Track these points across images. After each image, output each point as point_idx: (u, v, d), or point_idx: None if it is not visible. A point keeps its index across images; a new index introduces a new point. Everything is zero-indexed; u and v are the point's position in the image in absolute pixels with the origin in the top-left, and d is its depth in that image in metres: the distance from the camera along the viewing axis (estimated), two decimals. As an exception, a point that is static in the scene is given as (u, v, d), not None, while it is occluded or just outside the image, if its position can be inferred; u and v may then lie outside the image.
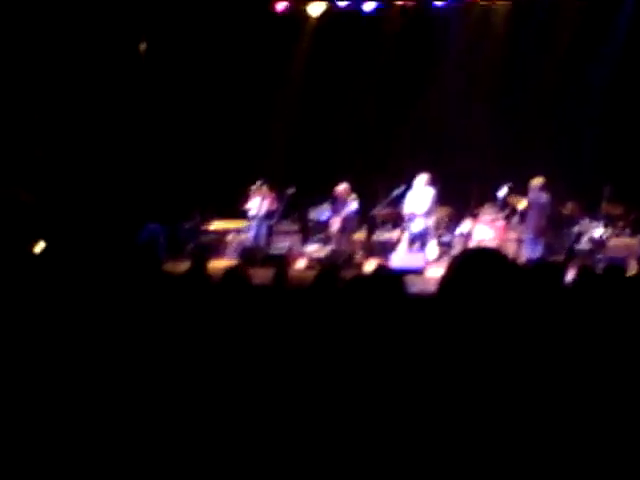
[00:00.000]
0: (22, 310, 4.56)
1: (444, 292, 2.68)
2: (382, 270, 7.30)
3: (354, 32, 18.27)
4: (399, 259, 14.81)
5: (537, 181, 15.21)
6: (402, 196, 15.84)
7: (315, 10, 18.58)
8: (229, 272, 5.92)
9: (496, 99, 17.46)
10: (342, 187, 16.19)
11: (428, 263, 15.03)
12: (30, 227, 12.73)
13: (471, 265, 2.59)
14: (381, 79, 18.37)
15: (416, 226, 15.51)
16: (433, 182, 15.65)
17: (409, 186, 15.70)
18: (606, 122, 16.47)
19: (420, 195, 15.54)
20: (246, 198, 16.66)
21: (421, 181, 15.55)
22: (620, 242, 15.61)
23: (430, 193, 15.56)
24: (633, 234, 15.58)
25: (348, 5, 18.41)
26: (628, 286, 5.96)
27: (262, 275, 9.94)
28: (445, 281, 2.68)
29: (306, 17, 18.80)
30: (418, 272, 14.00)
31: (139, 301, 4.83)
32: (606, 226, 15.60)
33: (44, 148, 15.90)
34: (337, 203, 16.35)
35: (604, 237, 15.51)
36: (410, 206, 15.56)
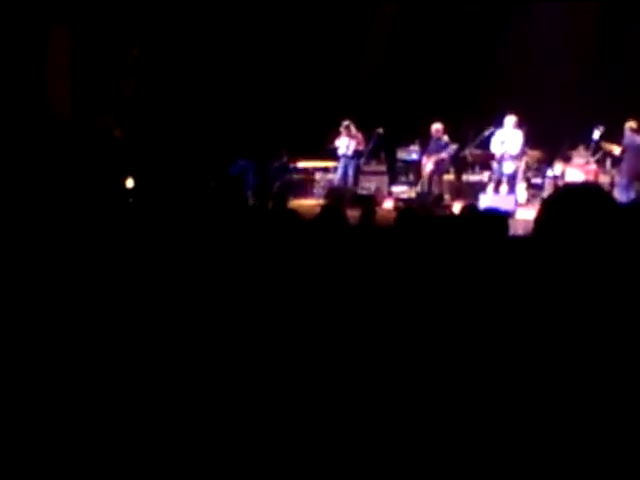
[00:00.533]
0: (114, 240, 4.62)
1: (541, 230, 2.58)
2: (471, 210, 7.23)
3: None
4: (489, 201, 14.64)
5: (631, 124, 14.81)
6: (490, 137, 15.62)
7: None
8: (325, 210, 5.92)
9: (591, 37, 16.98)
10: (436, 126, 16.01)
11: (518, 205, 14.85)
12: (121, 162, 12.90)
13: (571, 201, 2.49)
14: (472, 16, 18.01)
15: (507, 168, 15.33)
16: (522, 124, 15.41)
17: (497, 127, 15.48)
18: None
19: (509, 137, 15.33)
20: (334, 138, 16.60)
21: (509, 123, 15.33)
22: None
23: (519, 135, 15.34)
24: None
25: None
26: None
27: (350, 215, 9.90)
28: (543, 217, 2.57)
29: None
30: (508, 215, 13.77)
31: (223, 232, 4.85)
32: None
33: (136, 84, 16.04)
34: (430, 143, 16.20)
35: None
36: (499, 147, 15.37)
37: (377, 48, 18.69)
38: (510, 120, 15.33)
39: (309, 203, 15.70)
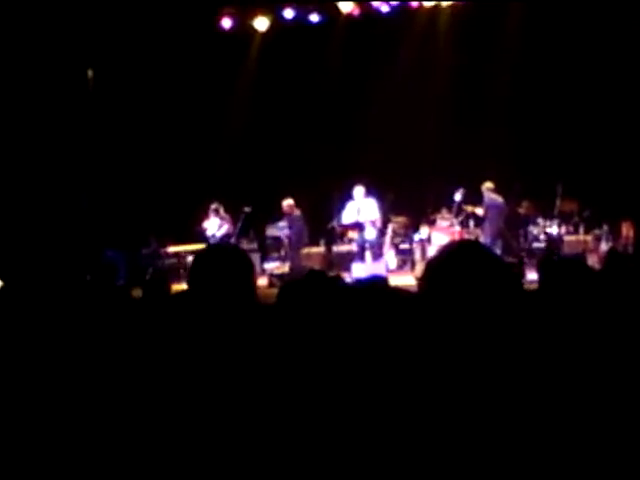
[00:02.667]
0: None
1: (427, 289, 2.63)
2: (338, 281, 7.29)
3: (301, 44, 18.26)
4: (361, 270, 14.81)
5: (487, 185, 15.32)
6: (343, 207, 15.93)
7: (262, 24, 18.39)
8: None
9: (445, 103, 17.48)
10: (287, 202, 16.24)
11: (389, 272, 15.09)
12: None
13: (454, 258, 2.54)
14: (331, 90, 18.39)
15: (369, 234, 15.57)
16: (383, 191, 15.77)
17: (348, 200, 15.81)
18: (556, 120, 16.54)
19: (363, 206, 15.60)
20: (202, 220, 16.59)
21: (359, 193, 15.63)
22: (575, 239, 15.79)
23: (372, 202, 15.64)
24: (587, 231, 15.74)
25: (294, 17, 18.17)
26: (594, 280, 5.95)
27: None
28: (428, 277, 2.61)
29: (253, 32, 18.69)
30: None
31: (95, 326, 4.78)
32: (560, 224, 15.80)
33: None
34: (285, 218, 16.46)
35: (560, 234, 15.71)
36: (353, 217, 15.63)
37: (236, 128, 18.85)
38: (359, 191, 15.64)
39: (183, 288, 15.58)
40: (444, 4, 17.16)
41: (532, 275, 12.13)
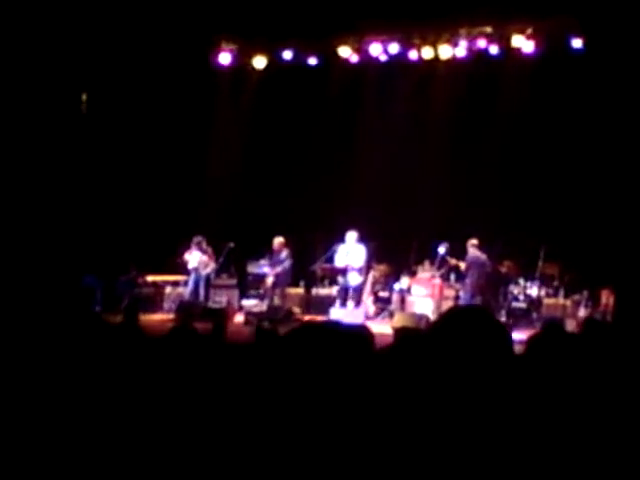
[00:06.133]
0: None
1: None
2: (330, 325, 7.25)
3: (298, 85, 18.29)
4: (338, 314, 14.79)
5: (472, 241, 15.38)
6: (334, 253, 15.92)
7: (260, 63, 18.47)
8: (174, 331, 5.81)
9: (438, 156, 17.51)
10: (277, 241, 16.23)
11: (367, 318, 15.08)
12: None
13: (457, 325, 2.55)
14: (323, 134, 18.42)
15: (353, 280, 15.61)
16: (369, 238, 15.84)
17: (340, 243, 15.81)
18: (544, 183, 16.59)
19: (353, 251, 15.65)
20: (183, 252, 16.50)
21: (351, 238, 15.68)
22: (555, 302, 15.80)
23: (362, 249, 15.70)
24: (567, 295, 15.75)
25: (292, 58, 18.18)
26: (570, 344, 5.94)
27: (200, 329, 9.79)
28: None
29: (250, 70, 18.72)
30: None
31: (71, 354, 4.72)
32: (541, 286, 15.85)
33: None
34: (273, 257, 16.41)
35: (540, 297, 15.75)
36: (343, 260, 15.67)
37: (227, 163, 18.83)
38: (352, 235, 15.69)
39: (159, 318, 15.50)
40: (442, 57, 17.13)
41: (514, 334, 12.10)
